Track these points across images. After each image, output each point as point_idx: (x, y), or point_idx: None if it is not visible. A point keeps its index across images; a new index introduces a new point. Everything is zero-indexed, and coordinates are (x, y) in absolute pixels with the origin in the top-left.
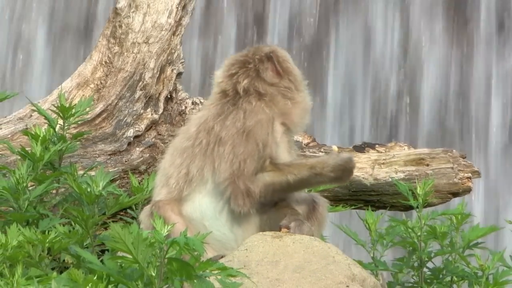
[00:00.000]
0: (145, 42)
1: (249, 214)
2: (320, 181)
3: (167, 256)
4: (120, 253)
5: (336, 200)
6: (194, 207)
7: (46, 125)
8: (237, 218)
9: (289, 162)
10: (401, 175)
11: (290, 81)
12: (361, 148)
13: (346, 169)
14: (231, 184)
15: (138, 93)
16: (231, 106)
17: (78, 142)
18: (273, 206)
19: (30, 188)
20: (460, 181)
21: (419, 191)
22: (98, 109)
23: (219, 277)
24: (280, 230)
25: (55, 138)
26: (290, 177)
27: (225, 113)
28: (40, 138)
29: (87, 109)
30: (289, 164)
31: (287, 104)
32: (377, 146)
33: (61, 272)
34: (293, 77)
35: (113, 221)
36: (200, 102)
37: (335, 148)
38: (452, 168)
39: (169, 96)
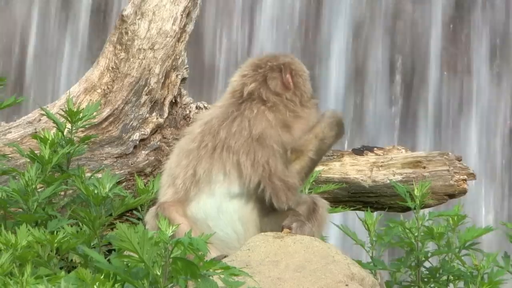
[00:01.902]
0: (151, 49)
1: (251, 215)
2: (327, 143)
3: (172, 256)
4: (126, 253)
5: (336, 201)
6: (199, 207)
7: (55, 128)
8: (240, 218)
9: (299, 142)
10: (399, 177)
11: (295, 95)
12: (359, 151)
13: (338, 121)
14: (267, 185)
15: (144, 98)
16: (235, 110)
17: (85, 146)
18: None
19: (39, 190)
20: (456, 183)
21: (416, 192)
22: (105, 113)
23: (222, 276)
24: (282, 231)
25: (63, 142)
26: (310, 154)
27: (230, 118)
28: (49, 141)
29: (94, 113)
30: (301, 144)
31: (288, 116)
32: (375, 149)
33: (69, 271)
34: (299, 92)
35: (119, 222)
36: (204, 106)
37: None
38: (448, 170)
39: (173, 101)
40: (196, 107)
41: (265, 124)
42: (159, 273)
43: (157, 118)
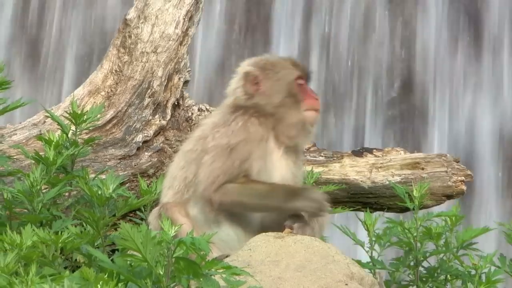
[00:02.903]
0: (154, 52)
1: (252, 215)
2: (284, 205)
3: (174, 256)
4: (129, 252)
5: (336, 202)
6: (199, 208)
7: (59, 130)
8: (241, 219)
9: (262, 180)
10: (398, 178)
11: (267, 97)
12: (359, 153)
13: (317, 203)
14: (202, 192)
15: (147, 100)
16: (227, 119)
17: (89, 147)
18: None
19: (44, 191)
20: (453, 184)
21: (415, 193)
22: (108, 116)
23: (224, 275)
24: (283, 230)
25: (68, 143)
26: (253, 187)
27: (221, 125)
28: (53, 143)
29: (98, 115)
30: (258, 180)
31: (273, 119)
32: (374, 150)
33: (73, 271)
34: (267, 94)
35: (123, 222)
36: (206, 109)
37: None
38: (446, 171)
39: (176, 103)
40: (198, 109)
41: (246, 135)
42: (162, 273)
43: (160, 120)
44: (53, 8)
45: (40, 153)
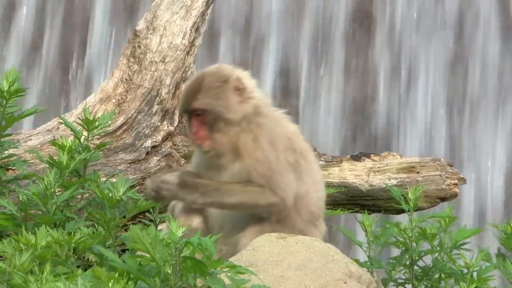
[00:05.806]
0: (162, 61)
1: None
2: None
3: (181, 255)
4: (139, 253)
5: (335, 204)
6: None
7: (72, 136)
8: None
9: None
10: (394, 182)
11: None
12: (357, 157)
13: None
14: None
15: (156, 107)
16: None
17: (101, 152)
18: None
19: (58, 194)
20: (447, 187)
21: (410, 196)
22: (119, 122)
23: (229, 274)
24: None
25: (80, 148)
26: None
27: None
28: (67, 148)
29: (109, 122)
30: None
31: None
32: (372, 155)
33: (85, 270)
34: None
35: (132, 223)
36: None
37: None
38: (440, 175)
39: None
40: None
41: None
42: (169, 272)
43: (168, 126)
44: None
45: (54, 158)
